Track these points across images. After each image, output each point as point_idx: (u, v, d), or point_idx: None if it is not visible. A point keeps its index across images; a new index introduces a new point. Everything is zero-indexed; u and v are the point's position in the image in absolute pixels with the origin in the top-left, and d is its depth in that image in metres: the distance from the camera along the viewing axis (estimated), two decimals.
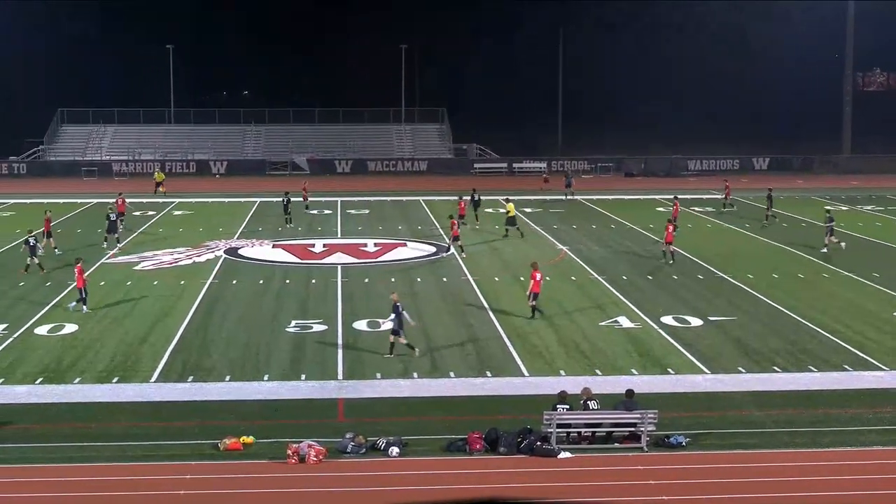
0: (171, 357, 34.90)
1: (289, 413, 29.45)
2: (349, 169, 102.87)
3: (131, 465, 25.29)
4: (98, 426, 28.26)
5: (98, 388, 31.71)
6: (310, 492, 23.86)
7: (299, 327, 38.76)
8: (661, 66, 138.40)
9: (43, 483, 24.13)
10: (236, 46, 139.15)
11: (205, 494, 23.66)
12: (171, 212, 72.24)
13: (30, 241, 49.73)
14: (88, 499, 23.31)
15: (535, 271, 40.34)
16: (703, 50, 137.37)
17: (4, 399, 30.69)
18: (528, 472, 25.11)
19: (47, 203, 66.27)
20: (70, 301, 41.81)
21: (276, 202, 69.51)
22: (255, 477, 24.62)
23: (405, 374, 33.03)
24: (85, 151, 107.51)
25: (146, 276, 48.96)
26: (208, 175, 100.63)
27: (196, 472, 24.74)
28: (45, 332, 38.04)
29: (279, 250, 56.03)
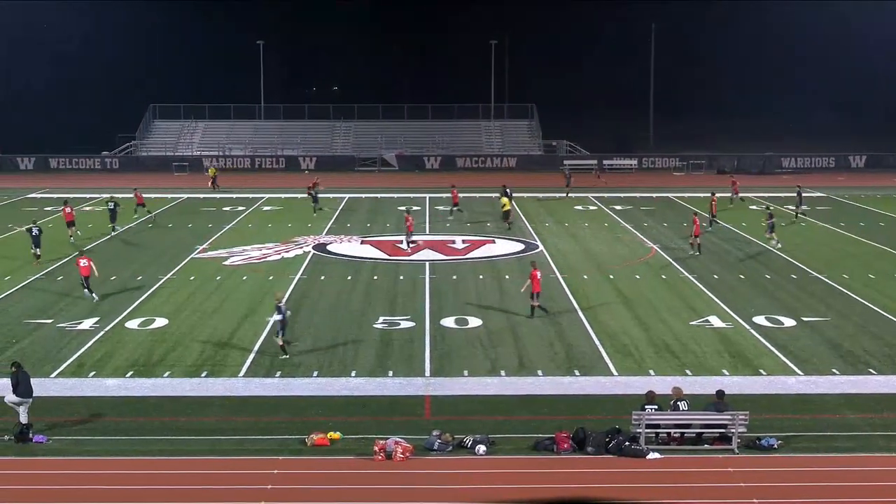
0: (260, 352, 35.22)
1: (376, 409, 29.56)
2: (438, 165, 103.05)
3: (219, 459, 25.55)
4: (187, 420, 28.61)
5: (187, 383, 32.12)
6: (396, 489, 23.92)
7: (387, 324, 38.90)
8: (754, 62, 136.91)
9: (132, 475, 24.46)
10: (326, 42, 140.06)
11: (291, 490, 23.83)
12: (260, 207, 72.88)
13: (33, 231, 51.36)
14: (177, 492, 23.59)
15: (534, 270, 40.20)
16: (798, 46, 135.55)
17: (95, 392, 31.19)
18: (616, 472, 24.95)
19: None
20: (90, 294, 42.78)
21: (366, 198, 69.87)
22: (342, 473, 24.75)
23: (492, 372, 33.01)
24: (176, 146, 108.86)
25: (235, 271, 49.47)
26: (297, 171, 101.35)
27: (283, 468, 24.93)
28: (135, 326, 38.60)
29: (367, 246, 56.30)
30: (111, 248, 55.67)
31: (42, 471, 24.80)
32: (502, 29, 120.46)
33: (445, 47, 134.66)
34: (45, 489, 23.70)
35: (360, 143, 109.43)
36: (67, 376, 32.63)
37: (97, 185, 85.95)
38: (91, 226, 62.85)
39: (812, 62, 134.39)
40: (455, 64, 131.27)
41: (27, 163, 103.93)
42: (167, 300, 43.02)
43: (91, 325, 38.69)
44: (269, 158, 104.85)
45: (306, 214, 68.19)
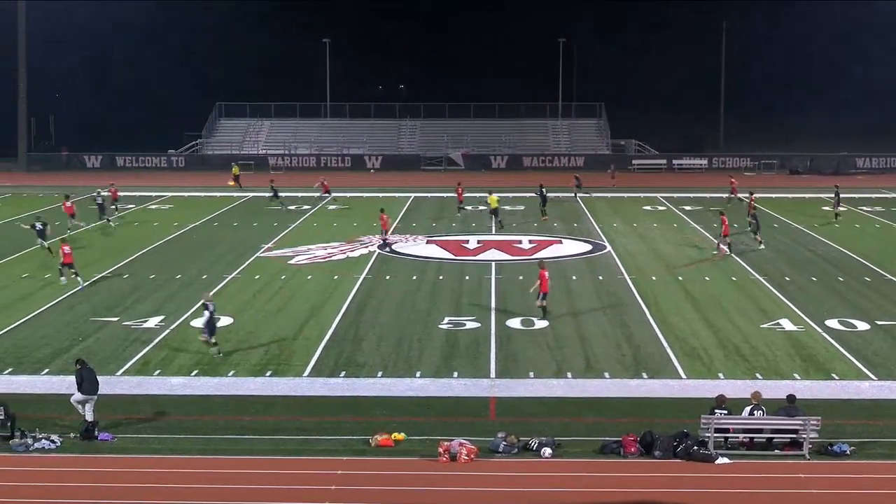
0: (324, 352, 35.37)
1: (440, 410, 29.58)
2: (504, 164, 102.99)
3: (283, 459, 25.67)
4: (251, 419, 28.77)
5: (251, 382, 32.31)
6: (460, 490, 23.91)
7: (452, 324, 38.92)
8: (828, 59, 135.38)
9: (196, 474, 24.64)
10: (393, 40, 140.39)
11: (355, 490, 23.88)
12: (326, 206, 73.19)
13: (37, 226, 53.06)
14: (240, 491, 23.72)
15: (542, 270, 39.93)
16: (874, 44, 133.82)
17: (160, 390, 31.48)
18: (684, 477, 24.77)
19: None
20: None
21: (432, 198, 69.85)
22: (406, 474, 24.77)
23: (559, 374, 32.91)
24: (242, 145, 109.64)
25: (300, 270, 49.72)
26: (363, 170, 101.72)
27: (347, 468, 25.00)
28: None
29: (433, 246, 56.38)
30: (177, 247, 56.17)
31: (107, 468, 25.03)
32: (571, 27, 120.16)
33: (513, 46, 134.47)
34: (111, 487, 23.92)
35: (426, 142, 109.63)
36: (132, 374, 32.95)
37: (163, 183, 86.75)
38: (157, 224, 63.39)
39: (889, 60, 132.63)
40: (523, 62, 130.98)
41: (94, 161, 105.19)
42: (232, 299, 43.31)
43: (156, 323, 39.06)
44: (334, 157, 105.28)
45: (372, 214, 68.36)
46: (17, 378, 32.33)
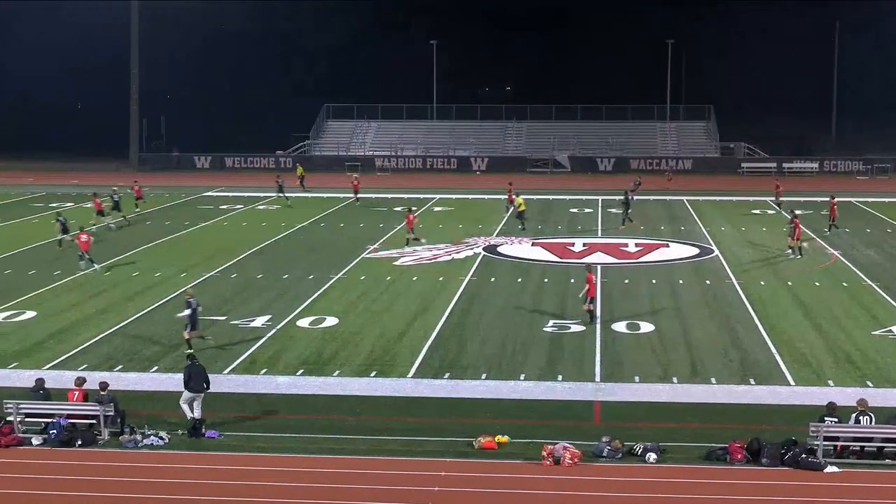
0: (429, 353, 35.45)
1: (544, 414, 29.48)
2: (611, 167, 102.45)
3: (387, 459, 25.77)
4: (356, 420, 28.92)
5: (356, 382, 32.49)
6: (564, 495, 23.81)
7: (557, 327, 38.78)
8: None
9: (301, 473, 24.84)
10: (499, 43, 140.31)
11: (458, 492, 23.90)
12: (432, 208, 73.43)
13: (60, 220, 56.02)
14: (345, 491, 23.86)
15: (590, 275, 39.55)
16: None
17: (267, 389, 31.81)
18: (791, 485, 24.40)
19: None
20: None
21: (538, 200, 69.71)
22: (509, 477, 24.72)
23: (664, 379, 32.63)
24: (349, 146, 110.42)
25: (406, 271, 49.91)
26: (469, 172, 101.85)
27: (450, 470, 25.03)
28: (306, 325, 39.23)
29: (538, 248, 56.26)
30: (284, 247, 56.74)
31: (214, 466, 25.35)
32: (679, 28, 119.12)
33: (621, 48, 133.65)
34: (217, 484, 24.22)
35: (533, 144, 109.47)
36: (240, 373, 33.33)
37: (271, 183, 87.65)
38: (265, 224, 64.09)
39: None
40: (630, 64, 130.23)
41: (203, 161, 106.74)
42: (338, 299, 43.63)
43: (263, 322, 39.48)
44: (440, 159, 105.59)
45: (478, 215, 68.43)
46: (126, 375, 32.88)
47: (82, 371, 31.76)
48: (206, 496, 23.54)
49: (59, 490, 23.83)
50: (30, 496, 23.43)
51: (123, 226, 64.15)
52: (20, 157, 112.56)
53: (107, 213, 63.88)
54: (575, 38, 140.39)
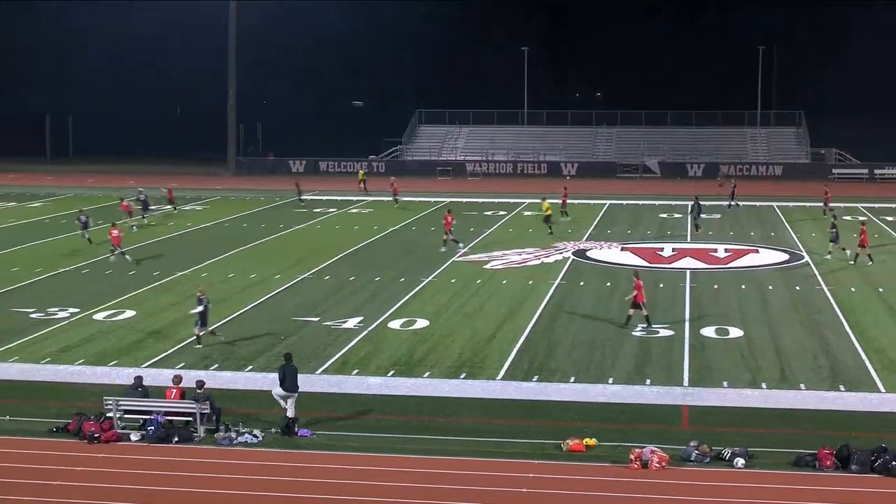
0: (518, 356, 35.39)
1: (632, 417, 29.30)
2: (701, 172, 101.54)
3: (476, 460, 25.75)
4: (445, 420, 28.97)
5: (446, 383, 32.53)
6: (651, 498, 23.63)
7: (645, 331, 38.52)
8: None
9: (391, 473, 24.90)
10: (589, 49, 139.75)
11: (546, 494, 23.82)
12: (521, 213, 73.36)
13: (81, 219, 58.50)
14: (434, 491, 23.88)
15: (637, 280, 38.99)
16: None
17: (358, 389, 31.95)
18: (882, 492, 23.97)
19: None
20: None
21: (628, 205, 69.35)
22: (597, 480, 24.59)
23: (753, 384, 32.23)
24: (440, 151, 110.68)
25: (496, 274, 49.90)
26: (559, 176, 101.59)
27: (539, 472, 24.96)
28: (397, 327, 39.37)
29: (627, 253, 55.94)
30: (376, 250, 57.00)
31: (306, 464, 25.51)
32: (770, 34, 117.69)
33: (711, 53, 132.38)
34: (309, 482, 24.38)
35: (622, 150, 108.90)
36: (332, 373, 33.53)
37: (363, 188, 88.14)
38: (357, 227, 64.43)
39: None
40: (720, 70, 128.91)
41: (298, 165, 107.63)
42: (429, 302, 43.74)
43: (355, 324, 39.68)
44: (530, 164, 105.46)
45: (566, 220, 68.18)
46: (222, 374, 33.24)
47: (179, 369, 32.16)
48: (298, 493, 23.71)
49: (156, 485, 24.15)
50: (128, 490, 23.77)
51: (143, 226, 65.82)
52: (122, 161, 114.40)
53: (135, 214, 66.20)
54: (665, 44, 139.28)
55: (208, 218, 70.00)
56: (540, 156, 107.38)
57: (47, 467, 25.14)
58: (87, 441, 26.80)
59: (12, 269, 50.74)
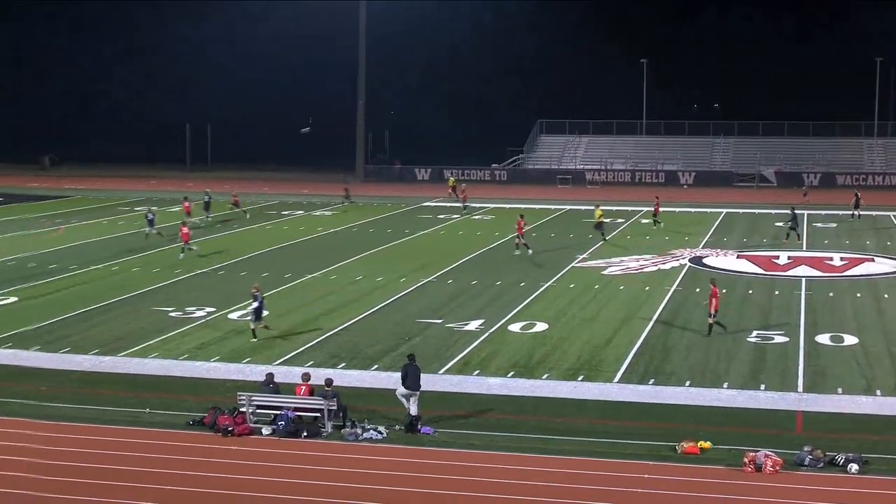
0: (634, 359, 35.14)
1: (746, 421, 28.88)
2: (817, 182, 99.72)
3: (592, 460, 25.63)
4: (562, 421, 28.87)
5: (564, 385, 32.42)
6: (764, 501, 23.26)
7: (760, 337, 37.95)
8: None
9: (509, 470, 24.90)
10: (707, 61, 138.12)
11: (660, 494, 23.61)
12: (639, 220, 72.84)
13: (148, 216, 62.01)
14: (551, 489, 23.80)
15: (714, 288, 38.10)
16: None
17: (478, 389, 32.00)
18: None
19: (524, 208, 68.74)
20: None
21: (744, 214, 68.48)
22: (710, 482, 24.31)
23: (868, 391, 31.56)
24: (560, 160, 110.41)
25: (613, 280, 49.61)
26: (676, 185, 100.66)
27: (653, 473, 24.76)
28: (517, 330, 39.36)
29: (743, 261, 55.18)
30: (497, 255, 57.07)
31: (428, 460, 25.64)
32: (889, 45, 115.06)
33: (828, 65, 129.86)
34: (430, 477, 24.50)
35: (739, 159, 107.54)
36: (454, 373, 33.63)
37: (486, 195, 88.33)
38: (480, 233, 64.52)
39: None
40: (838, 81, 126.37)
41: (423, 173, 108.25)
42: (548, 306, 43.65)
43: (477, 326, 39.76)
44: (648, 173, 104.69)
45: (684, 227, 67.52)
46: (349, 372, 33.56)
47: (308, 367, 32.52)
48: (421, 488, 23.84)
49: (285, 477, 24.48)
50: (259, 482, 24.14)
51: (203, 226, 68.07)
52: (256, 168, 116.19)
53: (195, 215, 69.08)
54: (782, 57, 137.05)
55: (337, 223, 70.75)
56: (658, 165, 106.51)
57: (184, 458, 25.66)
58: (222, 434, 27.28)
59: (154, 270, 51.86)
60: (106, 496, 23.22)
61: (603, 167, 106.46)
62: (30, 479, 24.14)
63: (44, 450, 26.03)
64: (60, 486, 23.74)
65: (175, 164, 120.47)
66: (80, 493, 23.39)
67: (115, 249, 58.24)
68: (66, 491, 23.51)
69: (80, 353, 35.88)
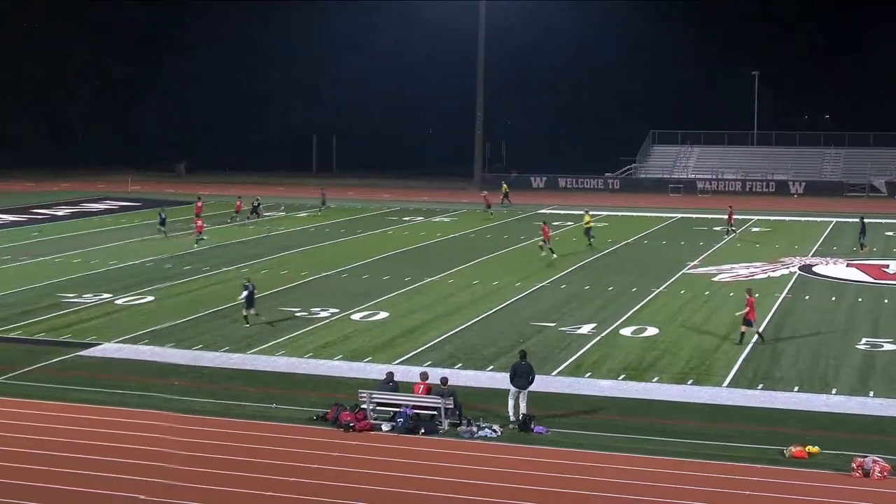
0: (743, 364, 34.62)
1: (855, 427, 28.23)
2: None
3: (699, 462, 25.29)
4: (671, 423, 28.56)
5: (673, 388, 32.07)
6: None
7: (869, 345, 37.12)
8: None
9: (619, 470, 24.69)
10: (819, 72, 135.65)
11: (768, 497, 23.21)
12: (749, 228, 71.79)
13: (161, 216, 65.94)
14: (659, 489, 23.56)
15: (750, 298, 36.99)
16: None
17: (590, 391, 31.81)
18: None
19: None
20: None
21: (853, 223, 67.03)
22: (818, 486, 23.83)
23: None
24: (672, 169, 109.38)
25: (724, 287, 48.97)
26: (786, 195, 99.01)
27: (761, 476, 24.34)
28: (628, 334, 39.07)
29: (853, 269, 54.02)
30: (610, 261, 56.74)
31: (540, 458, 25.57)
32: None
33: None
34: (542, 475, 24.42)
35: (849, 170, 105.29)
36: (566, 375, 33.50)
37: (599, 203, 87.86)
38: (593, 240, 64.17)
39: None
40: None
41: (539, 181, 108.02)
42: (659, 311, 43.25)
43: (589, 330, 39.55)
44: (759, 182, 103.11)
45: (794, 236, 66.36)
46: (465, 372, 33.63)
47: (427, 367, 32.67)
48: (534, 486, 23.78)
49: (404, 472, 24.62)
50: (380, 476, 24.29)
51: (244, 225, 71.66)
52: (378, 175, 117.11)
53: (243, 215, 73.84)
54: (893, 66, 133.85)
55: (455, 229, 71.00)
56: (768, 175, 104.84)
57: (308, 452, 25.96)
58: (343, 430, 27.53)
59: (281, 272, 52.58)
60: (234, 486, 23.61)
61: (714, 176, 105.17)
62: (166, 468, 24.66)
63: (178, 441, 26.56)
64: (193, 476, 24.19)
65: (302, 171, 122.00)
66: (211, 483, 23.82)
67: (245, 252, 59.19)
68: (198, 480, 23.95)
69: (211, 350, 36.54)
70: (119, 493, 23.12)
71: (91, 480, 23.87)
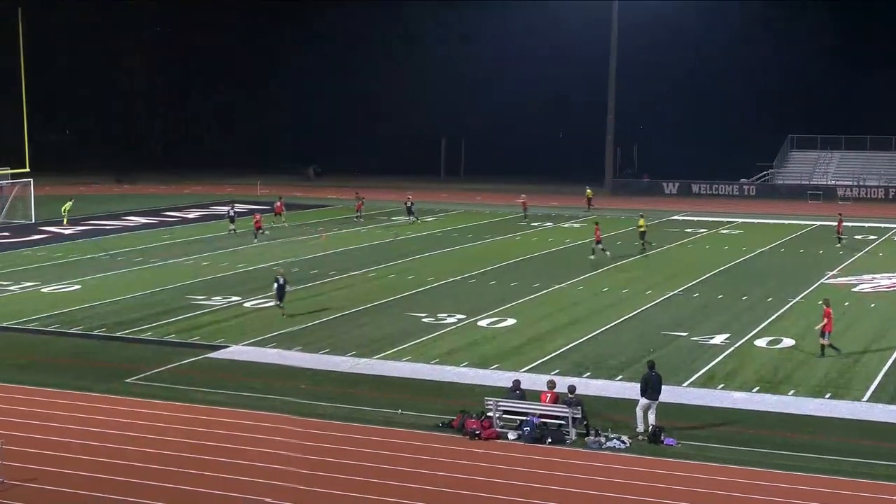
0: (885, 378, 33.73)
1: None
2: None
3: (840, 479, 24.69)
4: (808, 438, 27.96)
5: (810, 402, 31.37)
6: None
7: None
8: None
9: (752, 485, 24.25)
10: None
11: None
12: (892, 238, 69.97)
13: (230, 213, 70.11)
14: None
15: (827, 309, 35.74)
16: None
17: (722, 403, 31.30)
18: None
19: None
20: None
21: None
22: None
23: None
24: (811, 175, 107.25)
25: (864, 297, 47.82)
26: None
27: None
28: (763, 345, 38.38)
29: None
30: (744, 270, 55.87)
31: (671, 472, 25.27)
32: None
33: None
34: (674, 489, 24.11)
35: None
36: (698, 386, 33.04)
37: (734, 209, 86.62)
38: (727, 248, 63.24)
39: None
40: None
41: (671, 188, 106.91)
42: (795, 322, 42.40)
43: (722, 340, 38.97)
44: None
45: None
46: (593, 381, 33.40)
47: (554, 375, 32.54)
48: (664, 499, 23.48)
49: (531, 482, 24.53)
50: (506, 485, 24.28)
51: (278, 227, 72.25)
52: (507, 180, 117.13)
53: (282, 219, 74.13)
54: None
55: (585, 235, 70.45)
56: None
57: (434, 459, 26.06)
58: (469, 437, 27.57)
59: (408, 278, 52.93)
60: (359, 492, 23.80)
61: (855, 183, 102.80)
62: (290, 472, 24.99)
63: (303, 445, 26.89)
64: (317, 481, 24.46)
65: (430, 175, 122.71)
66: (336, 488, 24.05)
67: (373, 257, 59.74)
68: (322, 485, 24.21)
69: (338, 354, 36.93)
70: (244, 495, 23.48)
71: (216, 482, 24.31)
